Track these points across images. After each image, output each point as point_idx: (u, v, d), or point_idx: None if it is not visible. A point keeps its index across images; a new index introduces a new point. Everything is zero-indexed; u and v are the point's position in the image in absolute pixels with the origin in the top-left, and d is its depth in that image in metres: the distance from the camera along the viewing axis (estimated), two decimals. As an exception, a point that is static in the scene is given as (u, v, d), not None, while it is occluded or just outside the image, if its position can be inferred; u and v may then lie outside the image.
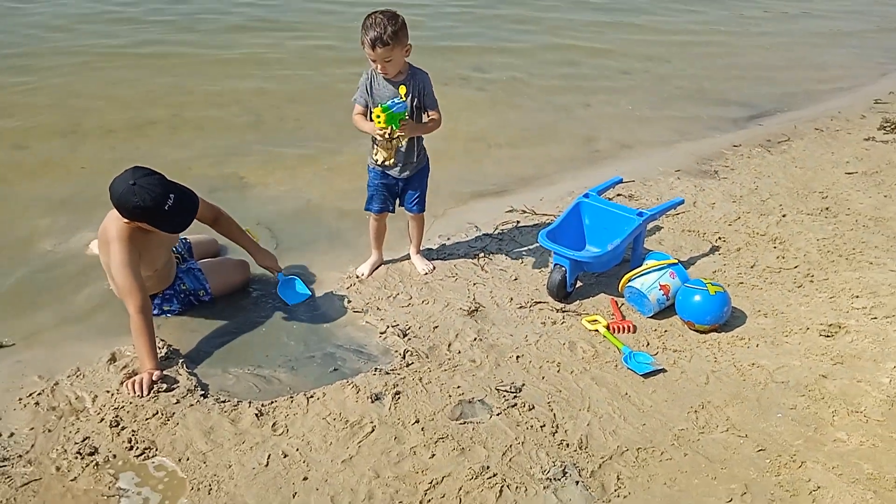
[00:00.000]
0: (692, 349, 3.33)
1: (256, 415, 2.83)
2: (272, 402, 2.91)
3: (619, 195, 4.72)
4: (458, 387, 3.05)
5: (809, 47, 9.08)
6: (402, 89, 3.33)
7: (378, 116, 3.25)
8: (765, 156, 5.61)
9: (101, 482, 2.54)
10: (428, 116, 3.47)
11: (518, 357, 3.25)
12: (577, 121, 6.33)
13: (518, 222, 4.43)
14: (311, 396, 2.95)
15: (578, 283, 3.75)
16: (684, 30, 9.45)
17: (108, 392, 2.95)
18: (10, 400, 2.92)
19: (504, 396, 3.00)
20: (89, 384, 3.00)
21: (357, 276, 3.82)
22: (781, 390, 3.05)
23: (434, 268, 3.89)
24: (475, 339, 3.35)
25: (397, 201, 3.75)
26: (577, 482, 2.60)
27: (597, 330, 3.42)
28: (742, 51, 8.73)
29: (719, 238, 4.29)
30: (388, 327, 3.42)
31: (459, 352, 3.28)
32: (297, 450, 2.69)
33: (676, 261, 3.59)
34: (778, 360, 3.23)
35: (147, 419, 2.80)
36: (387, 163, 3.52)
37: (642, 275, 3.50)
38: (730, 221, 4.50)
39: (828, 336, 3.38)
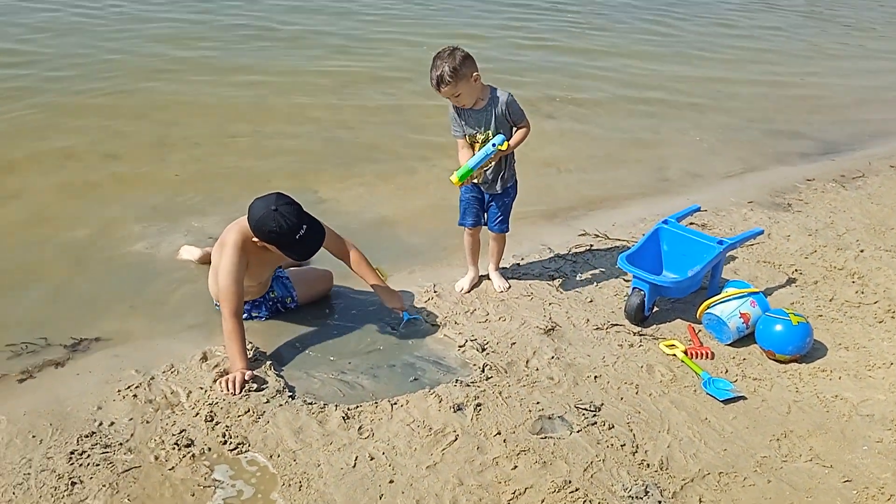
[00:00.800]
0: (772, 378, 3.31)
1: (343, 418, 2.92)
2: (357, 407, 3.00)
3: (692, 224, 4.72)
4: (538, 402, 3.09)
5: (884, 87, 8.94)
6: (482, 136, 3.53)
7: (453, 178, 3.49)
8: (839, 191, 5.55)
9: (197, 473, 2.65)
10: (517, 129, 3.59)
11: (596, 377, 3.28)
12: (646, 149, 6.36)
13: (591, 246, 4.48)
14: (395, 403, 3.03)
15: (655, 308, 3.77)
16: (752, 60, 9.42)
17: (201, 388, 3.07)
18: (110, 391, 3.06)
19: (583, 414, 3.03)
20: (183, 380, 3.13)
21: (458, 291, 3.93)
22: (866, 423, 3.02)
23: (510, 286, 3.96)
24: (552, 358, 3.40)
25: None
26: (659, 502, 2.61)
27: (675, 355, 3.43)
28: (813, 86, 8.66)
29: (796, 270, 4.26)
30: (466, 341, 3.49)
31: (537, 369, 3.32)
32: (383, 453, 2.77)
33: (757, 290, 3.58)
34: (862, 393, 3.20)
35: (239, 416, 2.92)
36: (476, 179, 3.63)
37: (722, 302, 3.51)
38: (806, 254, 4.46)
39: (913, 372, 3.33)
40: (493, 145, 3.46)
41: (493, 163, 3.59)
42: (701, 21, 11.60)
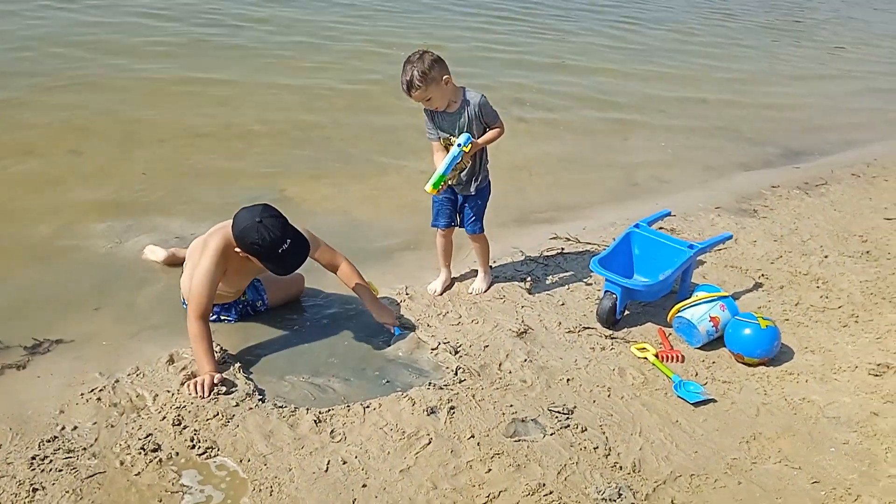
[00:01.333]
0: (741, 381, 3.35)
1: (315, 421, 2.88)
2: (329, 410, 2.96)
3: (660, 228, 4.76)
4: (511, 405, 3.08)
5: (844, 95, 9.18)
6: (456, 140, 3.46)
7: (427, 188, 3.48)
8: (803, 198, 5.66)
9: (164, 478, 2.58)
10: (490, 130, 3.57)
11: (568, 380, 3.28)
12: (616, 154, 6.42)
13: (563, 249, 4.49)
14: (368, 406, 2.99)
15: (626, 311, 3.79)
16: (720, 71, 9.59)
17: (168, 391, 3.00)
18: (73, 395, 2.97)
19: (557, 417, 3.03)
20: (149, 383, 3.05)
21: (430, 292, 3.91)
22: (833, 425, 3.07)
23: (485, 290, 3.94)
24: (525, 360, 3.39)
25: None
26: None
27: (646, 358, 3.45)
28: (776, 95, 8.84)
29: (762, 275, 4.33)
30: (439, 344, 3.47)
31: (510, 371, 3.31)
32: (356, 457, 2.73)
33: (727, 294, 3.63)
34: (828, 395, 3.25)
35: (208, 420, 2.85)
36: (450, 181, 3.61)
37: (693, 306, 3.54)
38: (772, 259, 4.54)
39: (877, 375, 3.40)
40: (459, 146, 3.44)
41: (467, 164, 3.58)
42: (664, 30, 11.77)
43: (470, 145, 3.45)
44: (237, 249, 3.21)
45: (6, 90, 6.29)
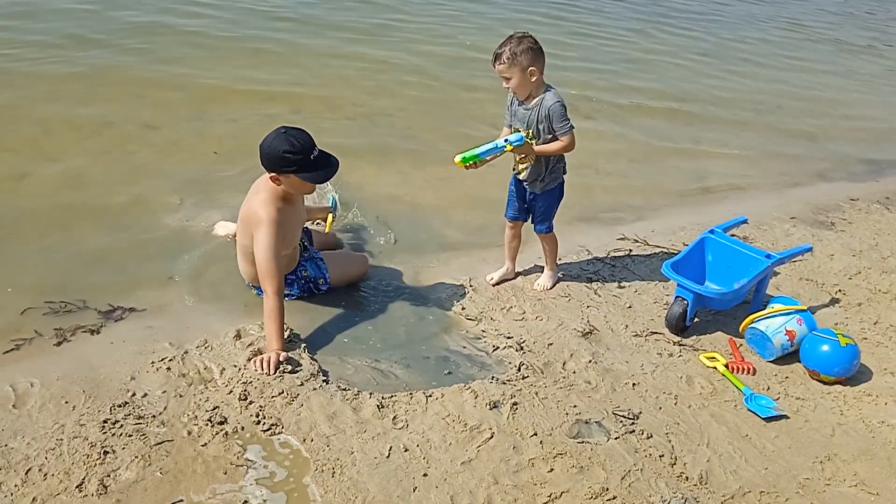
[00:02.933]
0: (816, 399, 3.23)
1: (378, 406, 2.87)
2: (392, 396, 2.95)
3: (733, 235, 4.62)
4: (575, 406, 3.03)
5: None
6: (508, 144, 3.41)
7: (455, 158, 3.40)
8: (884, 213, 5.43)
9: (230, 451, 2.61)
10: (556, 138, 3.49)
11: (634, 384, 3.21)
12: (686, 157, 6.26)
13: (630, 251, 4.40)
14: (430, 396, 2.97)
15: (696, 319, 3.68)
16: (796, 76, 9.27)
17: (235, 366, 3.03)
18: (144, 362, 3.03)
19: (621, 422, 2.96)
20: (217, 356, 3.10)
21: (487, 280, 3.89)
22: (914, 453, 2.93)
23: (551, 288, 3.88)
24: (590, 361, 3.33)
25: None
26: (699, 517, 2.55)
27: (715, 367, 3.35)
28: (856, 104, 8.50)
29: (839, 290, 4.17)
30: (503, 338, 3.43)
31: (574, 372, 3.26)
32: (418, 445, 2.72)
33: (805, 307, 3.50)
34: (909, 421, 3.11)
35: (273, 397, 2.87)
36: (520, 175, 3.57)
37: (768, 317, 3.42)
38: (850, 275, 4.36)
39: (961, 404, 3.24)
40: (505, 141, 3.41)
41: (530, 163, 3.53)
42: (741, 33, 11.42)
43: (514, 146, 3.40)
44: (271, 175, 3.22)
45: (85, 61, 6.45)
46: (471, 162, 3.39)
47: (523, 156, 3.56)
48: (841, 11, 14.61)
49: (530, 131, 3.48)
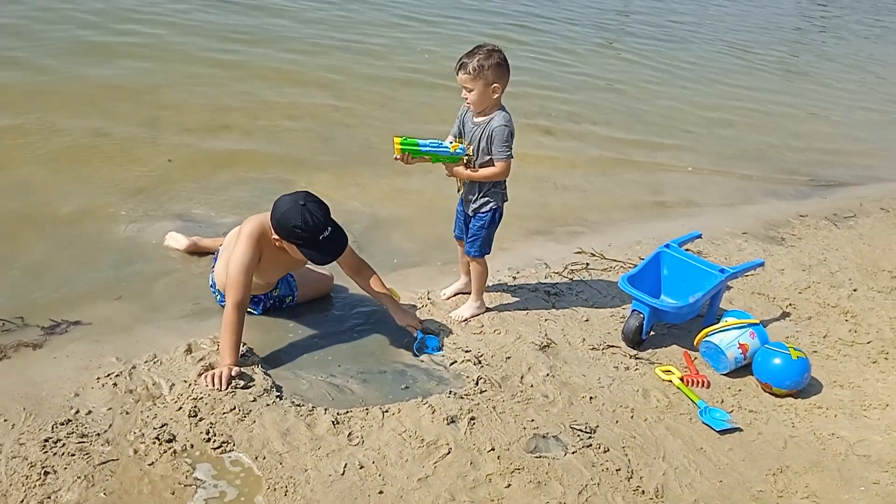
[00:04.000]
0: (768, 412, 3.27)
1: (332, 422, 2.82)
2: (347, 412, 2.90)
3: (687, 250, 4.68)
4: (532, 420, 3.01)
5: (873, 127, 9.06)
6: (454, 146, 3.34)
7: (396, 138, 3.28)
8: (832, 229, 5.57)
9: (178, 470, 2.53)
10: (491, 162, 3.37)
11: (591, 398, 3.21)
12: (642, 172, 6.35)
13: (587, 264, 4.42)
14: (387, 411, 2.93)
15: (652, 333, 3.71)
16: (747, 96, 9.50)
17: (185, 382, 2.94)
18: (88, 378, 2.92)
19: (579, 435, 2.96)
20: (166, 372, 3.00)
21: (441, 296, 3.84)
22: (863, 464, 2.99)
23: (467, 321, 3.65)
24: (547, 375, 3.32)
25: None
26: (655, 531, 2.55)
27: (671, 381, 3.38)
28: (805, 122, 8.75)
29: (790, 304, 4.25)
30: (461, 352, 3.40)
31: (532, 385, 3.24)
32: (374, 462, 2.67)
33: (758, 321, 3.55)
34: (858, 433, 3.17)
35: (224, 413, 2.79)
36: (458, 192, 3.57)
37: (722, 331, 3.47)
38: (800, 289, 4.45)
39: (908, 415, 3.32)
40: (448, 144, 3.32)
41: (462, 180, 3.46)
42: (696, 51, 11.67)
43: (451, 156, 3.32)
44: (274, 237, 3.14)
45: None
46: (406, 153, 3.26)
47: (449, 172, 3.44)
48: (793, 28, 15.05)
49: (472, 147, 3.37)
